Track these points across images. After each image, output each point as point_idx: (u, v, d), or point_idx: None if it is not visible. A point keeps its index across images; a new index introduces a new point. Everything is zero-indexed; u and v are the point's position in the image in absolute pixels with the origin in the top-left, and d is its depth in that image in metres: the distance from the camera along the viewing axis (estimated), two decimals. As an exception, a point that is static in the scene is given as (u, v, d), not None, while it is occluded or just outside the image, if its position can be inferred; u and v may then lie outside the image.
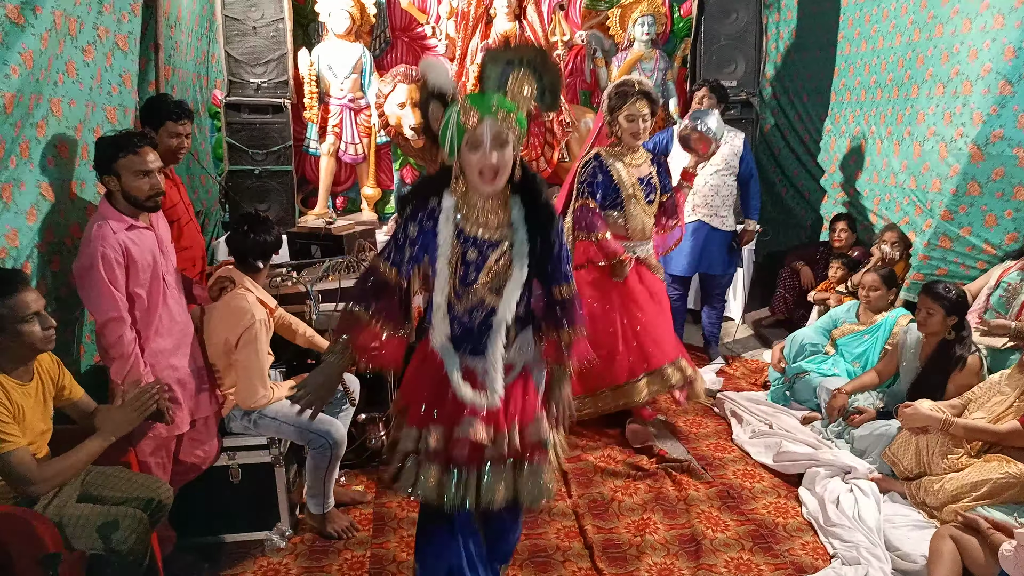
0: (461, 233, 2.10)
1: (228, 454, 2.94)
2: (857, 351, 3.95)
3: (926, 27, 4.40)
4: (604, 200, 3.58)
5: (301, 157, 5.33)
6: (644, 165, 3.63)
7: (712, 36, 5.44)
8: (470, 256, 2.10)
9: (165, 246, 2.78)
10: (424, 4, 5.66)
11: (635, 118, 3.48)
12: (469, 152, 2.00)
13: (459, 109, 1.99)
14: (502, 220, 2.11)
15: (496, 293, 2.12)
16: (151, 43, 4.14)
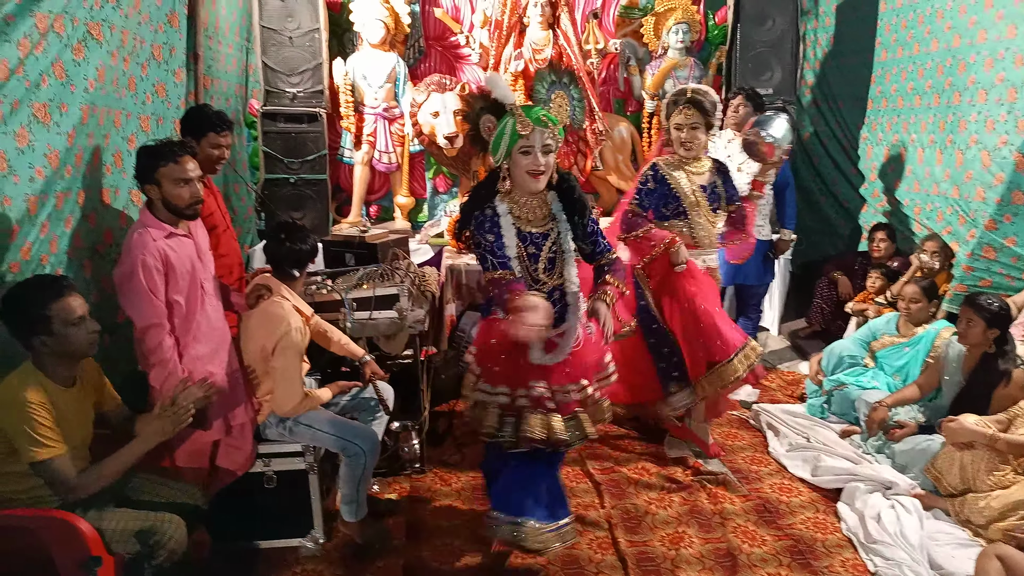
0: (520, 232, 2.54)
1: (263, 460, 2.96)
2: (897, 364, 3.87)
3: (968, 33, 4.31)
4: (664, 209, 3.48)
5: (336, 166, 5.38)
6: (707, 174, 3.51)
7: (748, 43, 5.39)
8: (530, 251, 2.56)
9: (203, 253, 2.83)
10: (458, 13, 5.69)
11: (682, 127, 3.39)
12: (521, 156, 2.46)
13: (516, 119, 2.43)
14: (546, 214, 2.59)
15: (555, 275, 2.59)
16: (191, 53, 4.21)
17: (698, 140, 3.41)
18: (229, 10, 4.85)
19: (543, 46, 5.26)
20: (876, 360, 4.02)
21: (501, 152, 2.48)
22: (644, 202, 3.47)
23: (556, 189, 2.59)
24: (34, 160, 2.60)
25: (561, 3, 5.24)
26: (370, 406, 3.23)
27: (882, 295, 4.51)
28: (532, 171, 2.46)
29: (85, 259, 2.92)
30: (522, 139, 2.43)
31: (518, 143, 2.43)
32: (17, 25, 2.48)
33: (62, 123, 2.74)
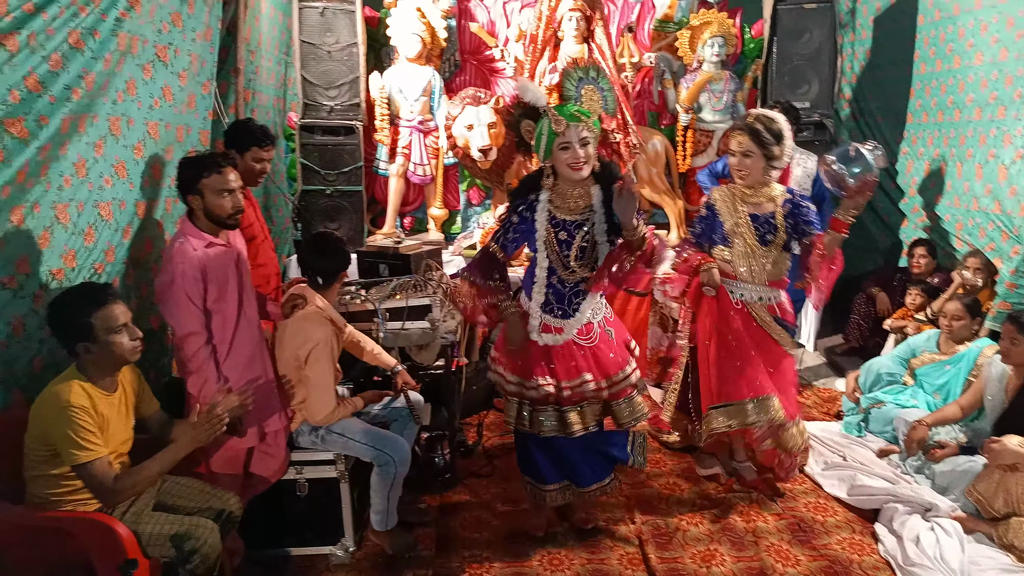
0: (553, 219, 2.74)
1: (296, 468, 2.99)
2: (938, 382, 3.78)
3: (1015, 46, 4.22)
4: (712, 234, 3.31)
5: (371, 178, 5.45)
6: (768, 202, 3.18)
7: (785, 56, 5.34)
8: (561, 236, 2.75)
9: (241, 263, 2.87)
10: (493, 28, 5.74)
11: (735, 153, 3.16)
12: (560, 151, 2.65)
13: (550, 118, 2.63)
14: (586, 204, 2.73)
15: (585, 266, 2.77)
16: (232, 68, 4.31)
17: (750, 169, 3.13)
18: (270, 25, 4.96)
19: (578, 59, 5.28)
20: (915, 378, 3.93)
21: (543, 151, 2.69)
22: (695, 229, 3.39)
23: (599, 180, 2.74)
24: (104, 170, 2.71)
25: (596, 17, 5.24)
26: (401, 416, 3.24)
27: (922, 312, 4.41)
28: (572, 164, 2.65)
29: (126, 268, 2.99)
30: (559, 136, 2.62)
31: (556, 141, 2.63)
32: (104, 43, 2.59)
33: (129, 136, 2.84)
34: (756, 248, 3.20)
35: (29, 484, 2.25)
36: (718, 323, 3.27)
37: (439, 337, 3.56)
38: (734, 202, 3.24)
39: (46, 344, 2.53)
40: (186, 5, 3.32)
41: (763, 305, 3.24)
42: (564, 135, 2.61)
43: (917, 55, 5.22)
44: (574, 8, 5.13)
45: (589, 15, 5.20)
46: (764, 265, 3.20)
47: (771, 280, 3.23)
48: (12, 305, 2.43)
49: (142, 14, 2.97)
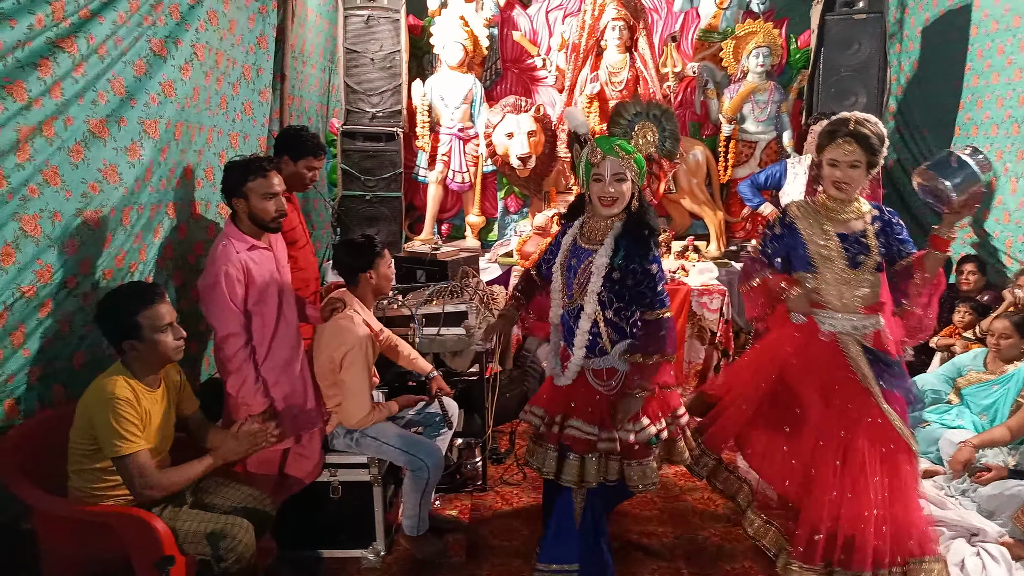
0: (575, 244, 2.69)
1: (330, 471, 3.02)
2: (985, 402, 3.66)
3: (1073, 58, 4.10)
4: (794, 259, 2.89)
5: (410, 184, 5.49)
6: (857, 221, 2.80)
7: (832, 67, 5.25)
8: (572, 262, 2.67)
9: (282, 266, 2.92)
10: (536, 37, 5.76)
11: (839, 164, 2.71)
12: (594, 183, 2.58)
13: (589, 148, 2.57)
14: (603, 236, 2.62)
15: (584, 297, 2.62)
16: (277, 73, 4.39)
17: (855, 182, 2.73)
18: (315, 33, 5.05)
19: (619, 69, 5.26)
20: (961, 397, 3.82)
21: (581, 178, 2.65)
22: (767, 248, 2.97)
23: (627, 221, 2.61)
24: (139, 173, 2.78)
25: (639, 26, 5.24)
26: (435, 421, 3.26)
27: (970, 330, 4.29)
28: (601, 198, 2.57)
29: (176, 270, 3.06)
30: (593, 168, 2.56)
31: (591, 171, 2.57)
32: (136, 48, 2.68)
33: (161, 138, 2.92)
34: (847, 273, 2.78)
35: (71, 478, 2.31)
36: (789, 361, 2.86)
37: (474, 344, 3.57)
38: (819, 220, 2.82)
39: (86, 340, 2.61)
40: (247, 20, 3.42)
41: (858, 336, 2.78)
42: (598, 167, 2.55)
43: (969, 67, 5.10)
44: (617, 18, 5.13)
45: (632, 25, 5.20)
46: (856, 290, 2.78)
47: (866, 306, 2.78)
48: (66, 303, 2.52)
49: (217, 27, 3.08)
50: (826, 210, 2.81)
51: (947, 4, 5.35)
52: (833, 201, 2.80)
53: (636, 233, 2.58)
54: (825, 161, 2.76)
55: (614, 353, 2.64)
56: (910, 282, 2.74)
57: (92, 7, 2.45)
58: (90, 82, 2.48)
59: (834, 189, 2.76)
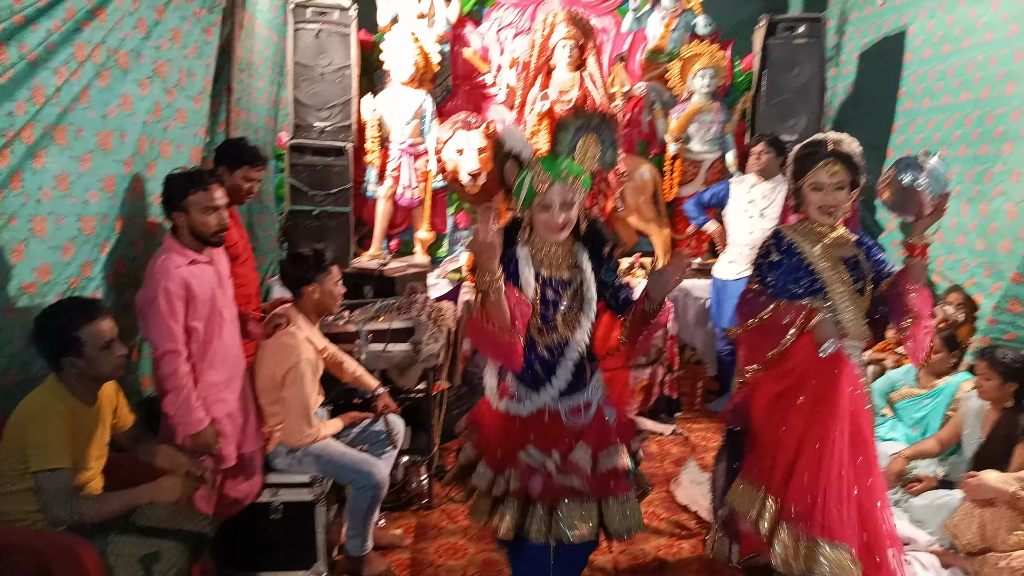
0: (539, 276, 2.37)
1: (271, 490, 2.98)
2: (917, 415, 3.80)
3: (997, 84, 4.29)
4: (794, 286, 2.67)
5: (359, 199, 5.46)
6: (848, 246, 2.71)
7: (774, 89, 5.41)
8: (549, 296, 2.37)
9: (224, 281, 2.88)
10: (486, 54, 5.80)
11: (824, 187, 2.61)
12: (540, 211, 2.29)
13: (534, 174, 2.27)
14: (570, 263, 2.40)
15: (570, 328, 2.37)
16: (224, 86, 4.34)
17: (841, 204, 2.64)
18: (264, 46, 5.00)
19: (569, 87, 5.34)
20: (895, 411, 3.95)
21: (521, 201, 2.32)
22: (766, 278, 2.73)
23: (582, 239, 2.41)
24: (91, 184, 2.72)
25: (588, 46, 5.33)
26: (380, 439, 3.24)
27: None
28: (549, 226, 2.30)
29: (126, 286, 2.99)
30: (539, 195, 2.26)
31: (536, 199, 2.27)
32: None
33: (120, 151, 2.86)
34: (856, 296, 2.65)
35: (1, 501, 2.23)
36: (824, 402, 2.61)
37: (421, 360, 3.56)
38: (823, 245, 2.67)
39: (16, 359, 2.52)
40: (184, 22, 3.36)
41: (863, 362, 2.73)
42: (546, 195, 2.25)
43: (903, 91, 5.30)
44: (567, 37, 5.21)
45: (582, 44, 5.28)
46: (860, 315, 2.67)
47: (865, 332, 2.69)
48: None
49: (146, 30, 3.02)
50: (819, 236, 2.68)
51: (883, 30, 5.56)
52: (821, 225, 2.69)
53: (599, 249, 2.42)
54: (808, 186, 2.64)
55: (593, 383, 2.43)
56: (893, 297, 2.67)
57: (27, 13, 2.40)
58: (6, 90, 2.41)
59: (821, 215, 2.64)
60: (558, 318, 2.36)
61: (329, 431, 3.05)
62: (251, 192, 3.36)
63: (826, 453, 2.57)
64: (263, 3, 4.86)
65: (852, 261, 2.69)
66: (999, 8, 4.31)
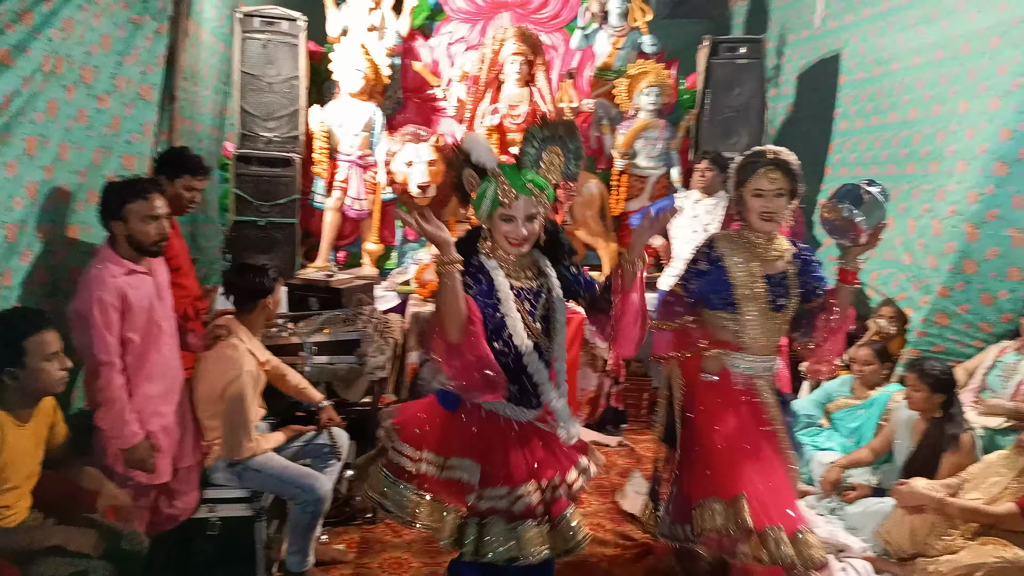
0: (513, 288, 2.27)
1: (208, 506, 2.90)
2: (851, 425, 3.90)
3: (924, 106, 4.48)
4: (714, 297, 2.76)
5: (306, 210, 5.39)
6: (780, 260, 2.75)
7: (717, 108, 5.54)
8: (526, 307, 2.29)
9: (163, 292, 2.81)
10: (437, 68, 5.81)
11: (766, 194, 2.65)
12: (502, 222, 2.21)
13: (498, 184, 2.18)
14: (535, 271, 2.33)
15: (546, 336, 2.31)
16: (167, 95, 4.25)
17: (781, 211, 2.69)
18: (210, 54, 4.92)
19: (518, 102, 5.39)
20: (831, 421, 4.05)
21: (483, 213, 2.24)
22: (691, 285, 2.80)
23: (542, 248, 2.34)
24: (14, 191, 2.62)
25: (538, 62, 5.39)
26: (323, 453, 3.19)
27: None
28: (513, 240, 2.21)
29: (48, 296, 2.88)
30: (503, 207, 2.18)
31: (499, 210, 2.19)
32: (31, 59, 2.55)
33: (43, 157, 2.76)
34: (768, 315, 2.73)
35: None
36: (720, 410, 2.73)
37: (366, 372, 3.52)
38: (747, 258, 2.73)
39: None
40: (117, 28, 3.28)
41: (769, 377, 2.80)
42: (509, 207, 2.17)
43: (838, 112, 5.48)
44: (517, 53, 5.27)
45: (531, 60, 5.35)
46: (774, 333, 2.76)
47: (770, 348, 2.78)
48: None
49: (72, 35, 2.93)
50: (752, 247, 2.74)
51: (819, 53, 5.75)
52: (758, 236, 2.74)
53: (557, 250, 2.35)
54: (749, 193, 2.69)
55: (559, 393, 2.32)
56: (821, 317, 2.72)
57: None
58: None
59: (761, 221, 2.69)
60: (536, 328, 2.28)
61: (270, 444, 2.99)
62: (193, 202, 3.29)
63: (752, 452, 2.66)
64: (209, 12, 4.79)
65: (778, 278, 2.74)
66: (925, 34, 4.51)
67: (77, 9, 2.98)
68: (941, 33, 4.36)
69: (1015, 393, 3.63)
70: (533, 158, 2.25)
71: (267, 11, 4.99)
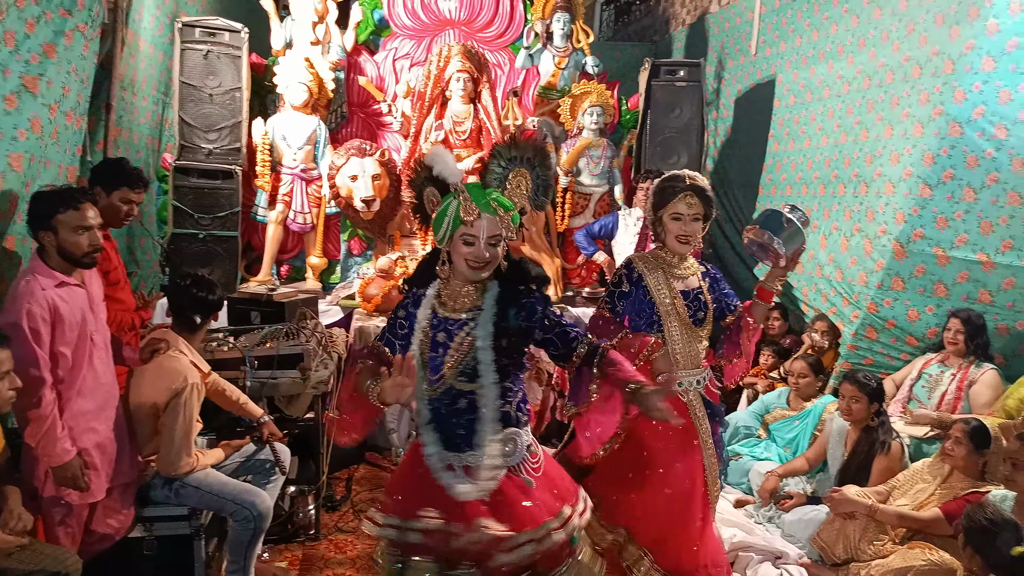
0: (435, 316, 2.14)
1: (145, 524, 2.81)
2: (788, 436, 4.02)
3: (852, 131, 4.69)
4: (637, 318, 2.82)
5: (248, 224, 5.31)
6: (693, 277, 2.85)
7: (657, 128, 5.68)
8: (439, 338, 2.13)
9: (96, 304, 2.72)
10: (382, 83, 5.81)
11: (682, 217, 2.73)
12: (463, 244, 2.06)
13: (461, 202, 2.05)
14: (474, 302, 2.14)
15: (467, 379, 2.10)
16: (103, 103, 4.14)
17: (697, 234, 2.79)
18: (149, 64, 4.81)
19: (464, 119, 5.43)
20: (769, 432, 4.17)
21: (442, 233, 2.09)
22: (616, 307, 2.86)
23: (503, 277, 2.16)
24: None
25: (483, 79, 5.44)
26: (265, 468, 3.13)
27: (775, 371, 4.70)
28: (473, 263, 2.07)
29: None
30: (465, 226, 2.04)
31: (460, 229, 2.05)
32: None
33: None
34: (690, 329, 2.80)
35: None
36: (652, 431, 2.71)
37: (310, 387, 3.47)
38: (664, 276, 2.81)
39: None
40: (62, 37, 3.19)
41: (699, 391, 2.83)
42: (472, 227, 2.04)
43: (771, 135, 5.70)
44: (462, 70, 5.31)
45: (476, 77, 5.39)
46: (699, 345, 2.83)
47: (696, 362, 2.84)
48: None
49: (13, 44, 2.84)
50: (667, 266, 2.82)
51: (756, 78, 5.98)
52: (672, 256, 2.83)
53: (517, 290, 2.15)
54: (667, 216, 2.76)
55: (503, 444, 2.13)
56: (735, 331, 2.83)
57: None
58: None
59: (678, 243, 2.78)
60: (446, 364, 2.10)
61: (209, 460, 2.91)
62: (130, 215, 3.21)
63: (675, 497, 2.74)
64: (147, 21, 4.70)
65: (693, 294, 2.83)
66: (853, 63, 4.74)
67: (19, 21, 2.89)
68: (868, 64, 4.59)
69: (939, 403, 3.81)
70: (498, 177, 2.15)
71: (208, 22, 4.93)
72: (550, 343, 2.18)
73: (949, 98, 3.90)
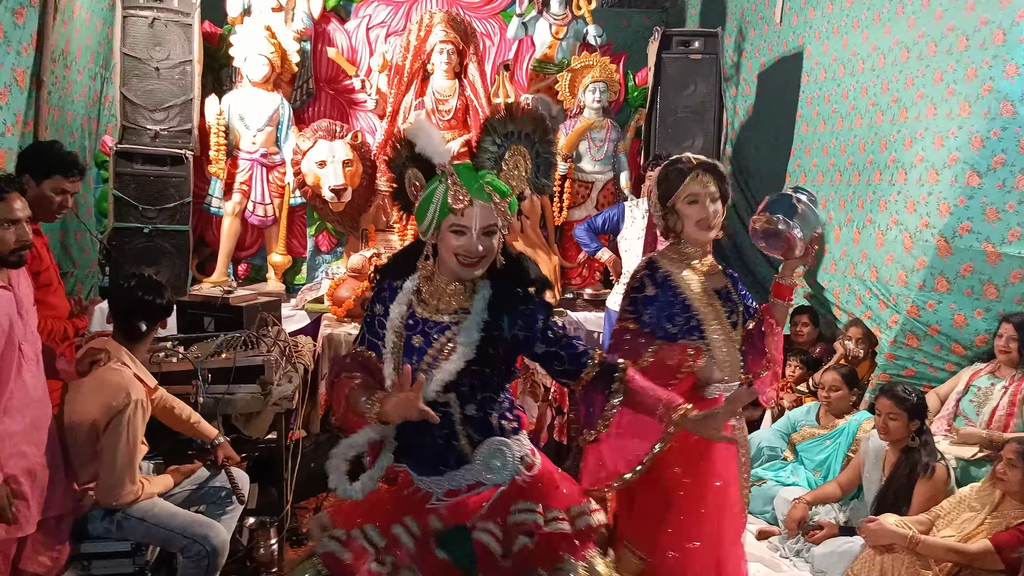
0: (412, 316, 2.10)
1: (82, 562, 2.82)
2: (818, 458, 4.04)
3: (889, 110, 4.72)
4: (669, 325, 2.65)
5: (200, 216, 5.31)
6: (717, 275, 2.76)
7: (669, 107, 5.69)
8: (415, 342, 2.08)
9: (25, 310, 2.71)
10: (354, 55, 5.82)
11: (699, 198, 2.62)
12: (451, 235, 1.99)
13: (448, 186, 1.97)
14: (461, 303, 2.08)
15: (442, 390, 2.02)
16: (33, 78, 4.13)
17: (719, 217, 2.68)
18: (85, 34, 4.81)
19: (448, 96, 5.44)
20: (796, 454, 4.19)
21: (427, 223, 2.02)
22: (643, 315, 2.70)
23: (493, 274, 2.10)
24: None
25: (469, 52, 5.46)
26: (220, 497, 3.15)
27: (802, 384, 4.72)
28: (464, 258, 2.00)
29: None
30: (454, 215, 1.97)
31: (448, 218, 1.98)
32: None
33: None
34: (731, 333, 2.70)
35: None
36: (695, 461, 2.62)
37: (271, 404, 3.47)
38: (696, 274, 2.69)
39: None
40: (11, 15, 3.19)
41: None
42: (462, 215, 1.96)
43: (799, 115, 5.72)
44: (445, 40, 5.32)
45: (462, 49, 5.41)
46: (738, 353, 2.72)
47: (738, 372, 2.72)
48: None
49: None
50: (692, 262, 2.71)
51: (781, 50, 6.00)
52: (694, 250, 2.72)
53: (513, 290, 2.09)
54: (682, 202, 2.65)
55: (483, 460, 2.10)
56: (757, 336, 2.75)
57: None
58: None
59: (700, 230, 2.67)
60: (420, 368, 2.03)
61: (156, 488, 2.92)
62: (64, 206, 3.21)
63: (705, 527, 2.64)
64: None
65: (724, 292, 2.74)
66: (890, 33, 4.76)
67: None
68: (906, 34, 4.61)
69: (989, 420, 3.83)
70: (493, 157, 2.04)
71: (155, -16, 4.92)
72: (554, 358, 2.10)
73: (1000, 73, 3.92)
